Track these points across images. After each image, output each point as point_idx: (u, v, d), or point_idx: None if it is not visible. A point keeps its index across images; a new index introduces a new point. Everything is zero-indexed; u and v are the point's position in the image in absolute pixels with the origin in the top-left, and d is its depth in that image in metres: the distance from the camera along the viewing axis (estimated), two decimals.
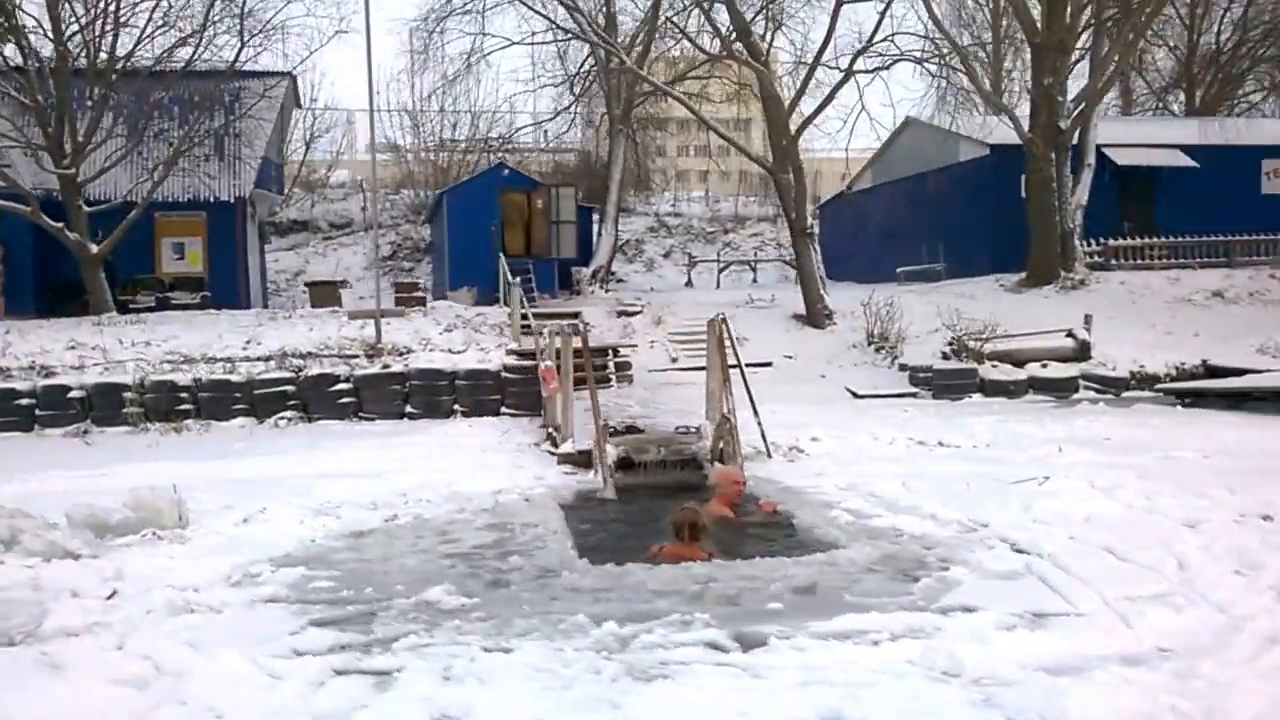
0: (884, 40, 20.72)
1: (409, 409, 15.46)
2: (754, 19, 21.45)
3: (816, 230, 21.16)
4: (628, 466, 9.34)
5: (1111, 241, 25.99)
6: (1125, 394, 16.88)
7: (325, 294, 24.29)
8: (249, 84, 23.76)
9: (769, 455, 10.32)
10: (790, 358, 19.67)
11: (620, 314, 21.06)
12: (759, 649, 4.61)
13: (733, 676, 4.26)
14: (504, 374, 15.76)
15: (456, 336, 17.03)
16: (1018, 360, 17.43)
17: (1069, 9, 23.18)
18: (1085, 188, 24.96)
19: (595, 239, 28.80)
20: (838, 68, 20.68)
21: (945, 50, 22.46)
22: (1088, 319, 18.10)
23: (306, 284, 25.89)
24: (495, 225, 26.56)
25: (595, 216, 29.53)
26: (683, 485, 9.47)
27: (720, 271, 32.98)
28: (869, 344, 19.45)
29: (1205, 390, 15.24)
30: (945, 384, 16.86)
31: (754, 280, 33.54)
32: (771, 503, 8.22)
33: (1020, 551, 6.19)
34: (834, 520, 7.40)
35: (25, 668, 4.56)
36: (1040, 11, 23.73)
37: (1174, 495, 7.72)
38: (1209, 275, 24.83)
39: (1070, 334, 17.84)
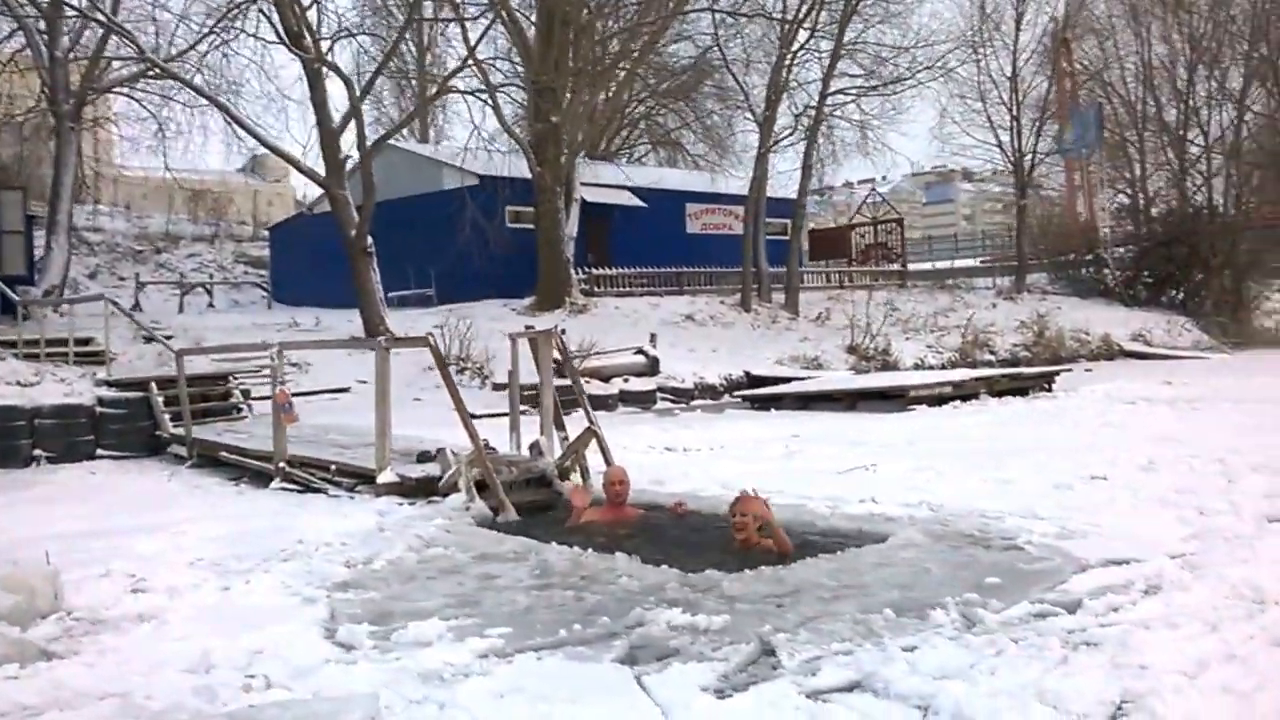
0: (480, 63, 20.67)
1: None
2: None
3: (375, 250, 20.42)
4: (482, 488, 8.66)
5: (595, 270, 28.46)
6: (694, 402, 18.80)
7: None
8: None
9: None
10: (364, 382, 18.87)
11: (149, 339, 18.58)
12: (1082, 611, 4.92)
13: (1158, 627, 4.57)
14: (100, 409, 13.37)
15: (19, 365, 13.94)
16: (604, 376, 18.56)
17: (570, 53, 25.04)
18: (575, 221, 27.02)
19: (44, 253, 24.73)
20: (437, 82, 20.17)
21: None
22: (653, 337, 19.82)
23: None
24: None
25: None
26: (537, 505, 9.03)
27: (184, 295, 30.11)
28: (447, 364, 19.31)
29: (783, 394, 17.55)
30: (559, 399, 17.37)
31: (210, 305, 31.19)
32: (679, 504, 8.24)
33: (1034, 518, 7.07)
34: (815, 512, 7.70)
35: None
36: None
37: (996, 471, 9.19)
38: (676, 301, 28.25)
39: (641, 351, 19.39)
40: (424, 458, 9.55)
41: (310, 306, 28.54)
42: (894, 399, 16.15)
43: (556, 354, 10.54)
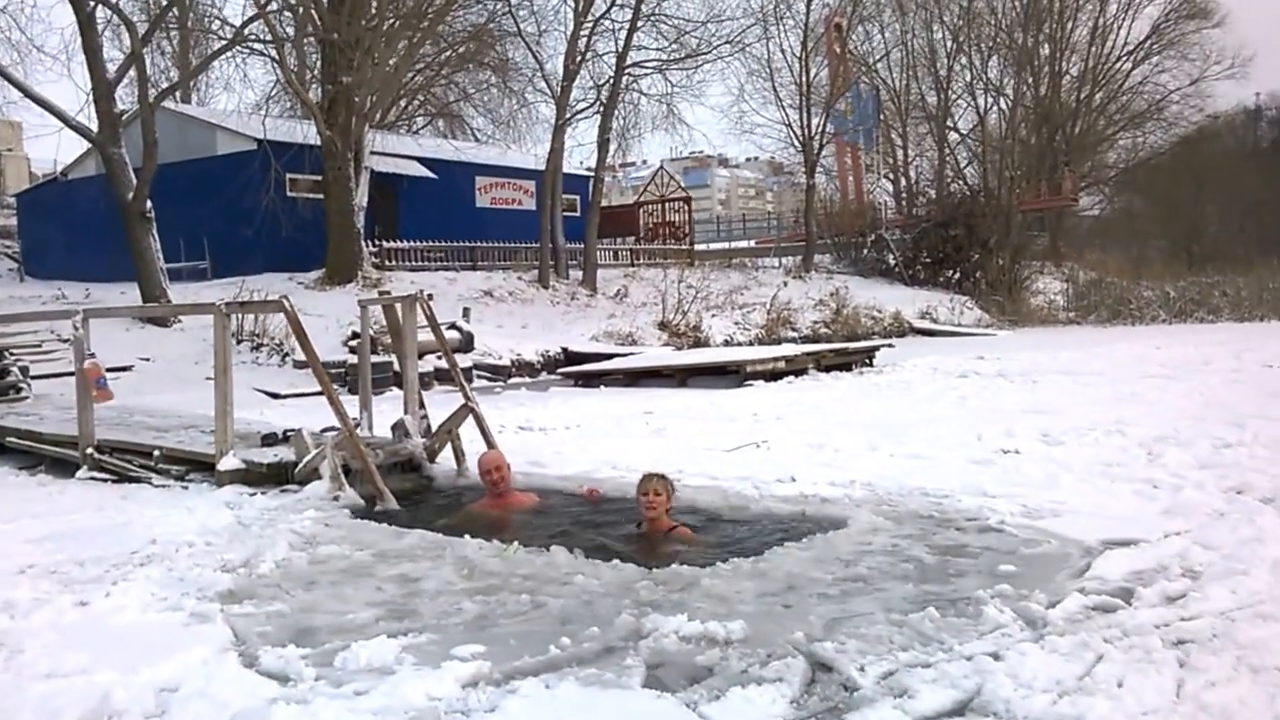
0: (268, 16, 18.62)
1: None
2: None
3: (154, 215, 18.21)
4: (347, 474, 7.46)
5: (387, 243, 26.83)
6: (511, 379, 17.82)
7: None
8: None
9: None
10: (148, 360, 16.90)
11: None
12: (1139, 603, 4.40)
13: (1248, 618, 4.10)
14: None
15: None
16: (418, 353, 17.22)
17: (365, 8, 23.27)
18: (365, 191, 25.26)
19: None
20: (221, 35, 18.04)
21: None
22: (466, 312, 18.67)
23: None
24: None
25: None
26: (405, 492, 7.87)
27: None
28: (238, 340, 17.51)
29: (611, 371, 16.79)
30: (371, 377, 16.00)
31: None
32: (593, 489, 7.37)
33: (985, 496, 6.61)
34: (742, 495, 6.98)
35: None
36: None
37: (898, 446, 8.77)
38: (473, 277, 27.00)
39: (454, 326, 18.19)
40: (271, 440, 8.21)
41: (70, 280, 25.52)
42: (728, 374, 15.72)
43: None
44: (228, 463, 7.68)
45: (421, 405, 8.95)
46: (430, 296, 9.06)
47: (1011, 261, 34.76)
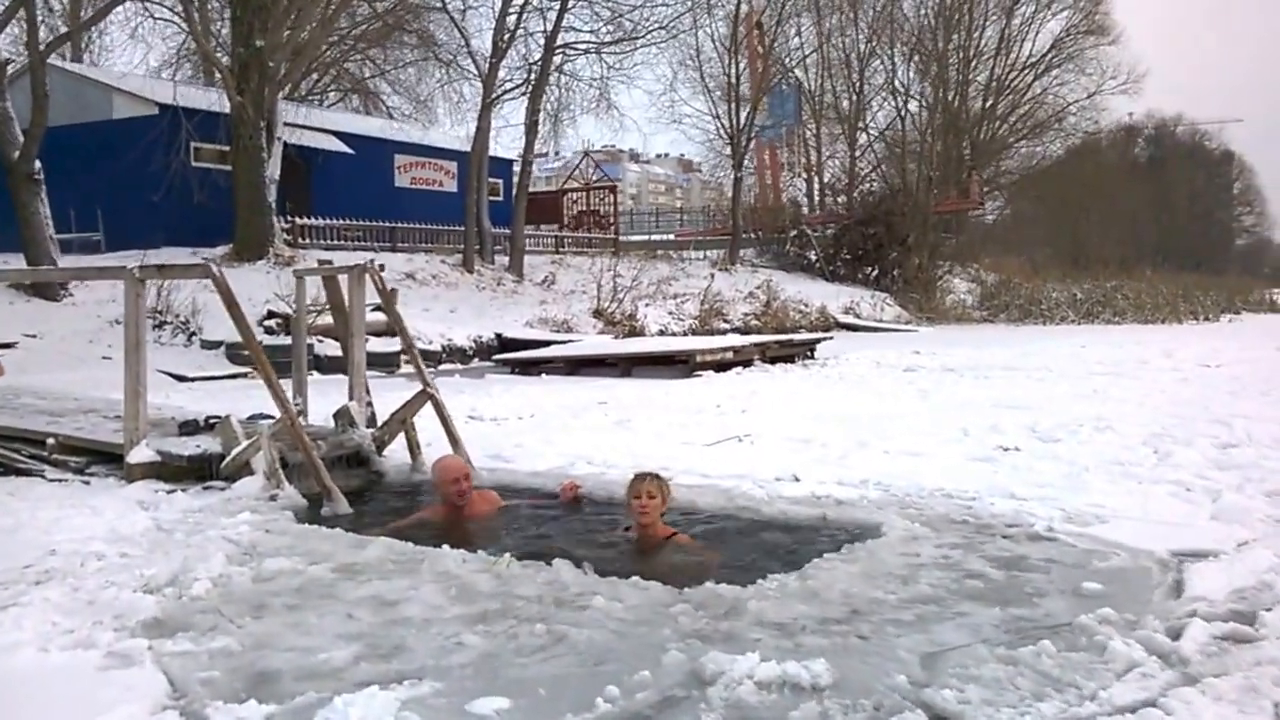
0: None
1: None
2: None
3: (43, 177, 16.67)
4: (284, 468, 6.44)
5: (301, 220, 25.45)
6: (443, 365, 16.86)
7: None
8: None
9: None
10: (34, 336, 15.46)
11: None
12: (1268, 630, 3.74)
13: None
14: None
15: None
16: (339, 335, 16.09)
17: None
18: (277, 163, 23.85)
19: None
20: None
21: None
22: (393, 293, 17.48)
23: None
24: None
25: None
26: (350, 490, 6.84)
27: None
28: None
29: (552, 358, 15.88)
30: (284, 360, 14.81)
31: None
32: (573, 485, 6.46)
33: (1015, 498, 5.93)
34: (749, 495, 6.17)
35: None
36: None
37: (889, 442, 8.11)
38: (393, 258, 25.67)
39: (379, 309, 17.03)
40: (191, 429, 7.14)
41: None
42: (675, 364, 14.96)
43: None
44: (139, 454, 6.61)
45: (367, 391, 7.94)
46: (381, 267, 8.04)
47: (928, 260, 34.81)
